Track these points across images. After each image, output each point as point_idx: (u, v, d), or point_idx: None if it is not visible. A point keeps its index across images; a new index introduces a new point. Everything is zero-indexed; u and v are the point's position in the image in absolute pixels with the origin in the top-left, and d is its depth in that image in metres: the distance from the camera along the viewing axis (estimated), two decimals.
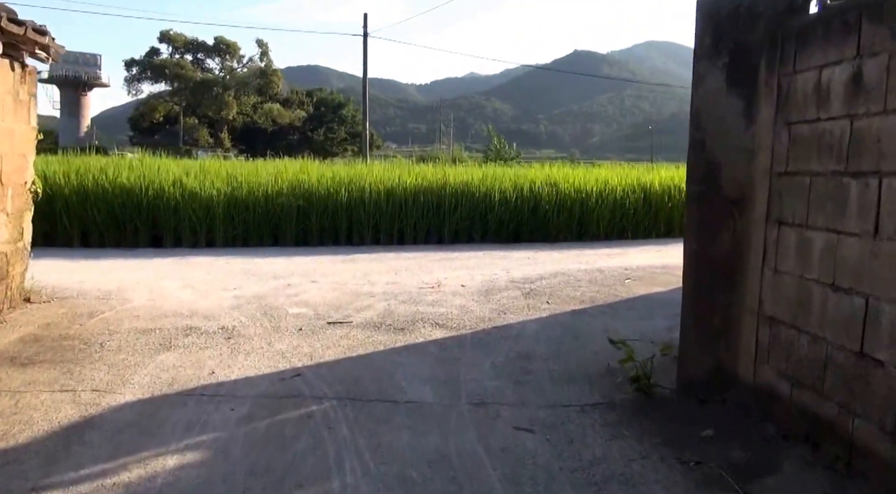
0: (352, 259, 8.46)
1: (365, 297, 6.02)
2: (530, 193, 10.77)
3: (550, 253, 9.30)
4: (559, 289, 6.50)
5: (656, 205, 11.23)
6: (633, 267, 7.91)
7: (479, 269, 7.74)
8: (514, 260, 8.59)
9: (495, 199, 10.43)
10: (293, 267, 7.72)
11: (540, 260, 8.51)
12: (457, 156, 48.47)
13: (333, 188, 9.85)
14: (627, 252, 9.42)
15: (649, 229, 11.22)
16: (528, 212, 10.59)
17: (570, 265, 8.14)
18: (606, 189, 11.10)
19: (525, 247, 9.97)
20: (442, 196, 10.24)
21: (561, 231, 10.76)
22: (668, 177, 11.94)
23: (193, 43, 57.79)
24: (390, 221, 9.99)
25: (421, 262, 8.26)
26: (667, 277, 7.18)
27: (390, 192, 10.04)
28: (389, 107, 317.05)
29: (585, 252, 9.40)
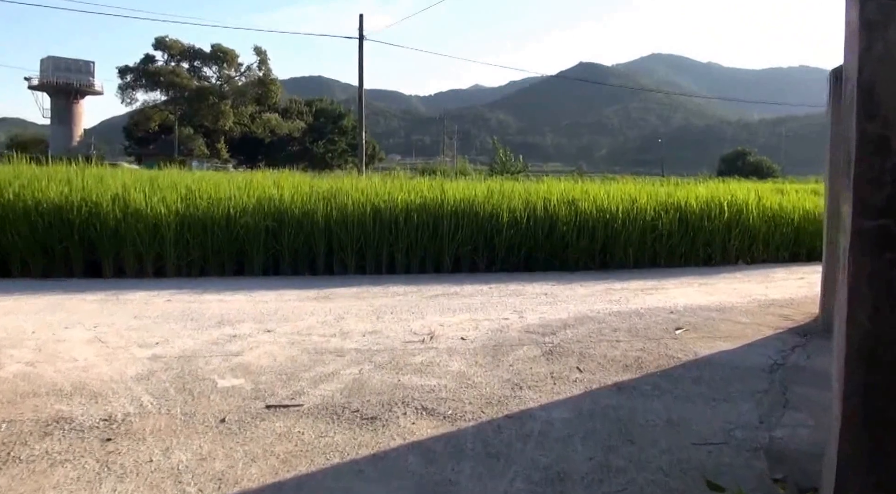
0: (327, 294, 6.93)
1: (330, 358, 4.50)
2: (545, 213, 9.26)
3: (572, 286, 7.76)
4: (591, 345, 4.97)
5: (694, 227, 9.70)
6: (678, 309, 6.38)
7: (485, 311, 6.22)
8: (529, 296, 7.06)
9: (503, 220, 8.93)
10: (250, 306, 6.20)
11: (560, 298, 6.98)
12: (461, 168, 47.12)
13: (310, 205, 8.35)
14: (665, 286, 7.89)
15: (686, 256, 9.69)
16: (542, 236, 9.08)
17: (599, 305, 6.61)
18: (634, 208, 9.58)
19: (540, 278, 8.44)
20: (440, 215, 8.73)
21: (581, 258, 9.23)
22: (707, 194, 10.42)
23: (190, 50, 56.72)
24: (377, 246, 8.48)
25: (412, 300, 6.74)
26: (729, 326, 5.65)
27: (377, 211, 8.53)
28: (393, 118, 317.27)
29: (614, 285, 7.86)
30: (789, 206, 10.61)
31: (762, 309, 6.39)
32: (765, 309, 6.43)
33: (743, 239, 9.97)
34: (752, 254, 10.08)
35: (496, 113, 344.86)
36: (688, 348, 4.93)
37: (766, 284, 8.03)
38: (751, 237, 10.03)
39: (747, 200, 10.34)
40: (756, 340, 5.19)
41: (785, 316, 6.04)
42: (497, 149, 48.44)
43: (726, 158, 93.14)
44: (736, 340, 5.16)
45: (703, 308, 6.47)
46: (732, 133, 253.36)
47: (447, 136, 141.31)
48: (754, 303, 6.72)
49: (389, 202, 8.82)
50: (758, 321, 5.87)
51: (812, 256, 10.43)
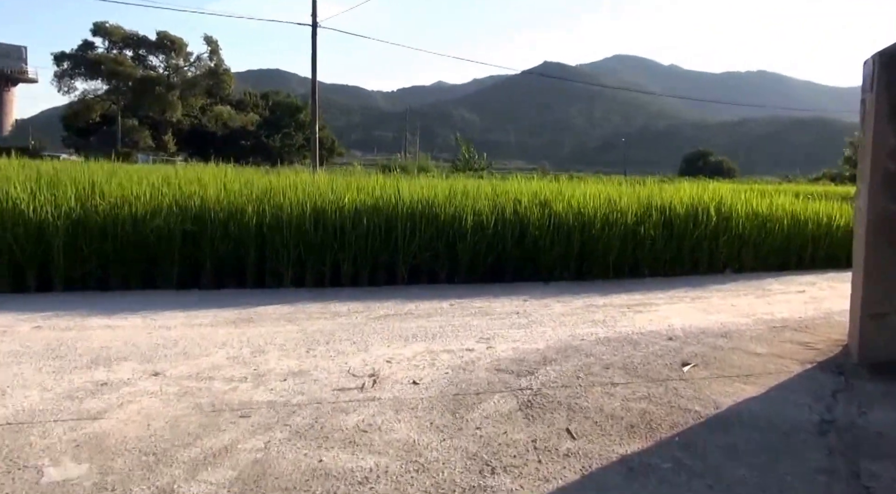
0: (251, 315, 5.70)
1: (230, 419, 3.31)
2: (514, 216, 8.16)
3: (547, 302, 6.67)
4: (581, 391, 3.86)
5: (680, 232, 8.70)
6: (677, 334, 5.33)
7: (444, 338, 5.08)
8: (497, 316, 5.94)
9: (468, 223, 7.79)
10: (144, 335, 4.95)
11: (535, 318, 5.87)
12: (423, 165, 46.15)
13: (239, 205, 7.10)
14: (653, 300, 6.85)
15: (672, 263, 8.69)
16: (511, 242, 7.97)
17: (582, 328, 5.53)
18: (614, 211, 8.55)
19: (509, 291, 7.33)
20: (394, 218, 7.56)
21: (556, 266, 8.15)
22: (693, 196, 9.46)
23: (133, 37, 54.26)
24: (320, 253, 7.27)
25: (356, 323, 5.56)
26: (744, 358, 4.61)
27: (320, 212, 7.32)
28: (354, 114, 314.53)
29: (595, 301, 6.80)
30: (779, 210, 9.71)
31: (774, 335, 5.38)
32: (777, 333, 5.42)
33: (731, 245, 9.02)
34: (740, 262, 9.14)
35: (460, 110, 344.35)
36: (704, 395, 3.86)
37: (765, 299, 7.06)
38: (740, 243, 9.09)
39: (736, 203, 9.41)
40: (784, 381, 4.15)
41: (805, 345, 5.03)
42: (461, 145, 47.51)
43: (688, 158, 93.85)
44: (759, 381, 4.12)
45: (706, 332, 5.43)
46: (692, 134, 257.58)
47: (409, 133, 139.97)
48: (762, 325, 5.72)
49: (335, 202, 7.62)
50: (775, 351, 4.84)
51: (802, 265, 9.57)
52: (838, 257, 9.73)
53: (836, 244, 9.73)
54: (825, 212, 9.95)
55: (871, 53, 4.44)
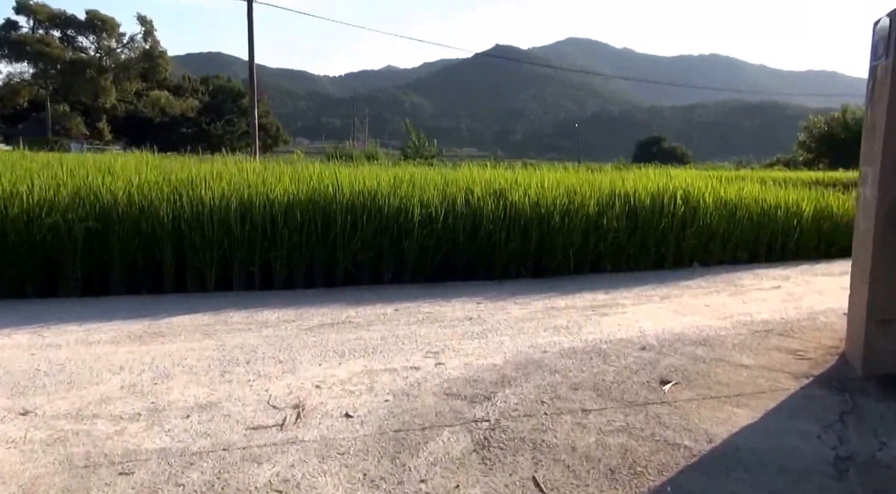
0: (160, 330, 4.97)
1: (105, 478, 2.63)
2: (466, 208, 7.57)
3: (503, 305, 6.10)
4: (548, 423, 3.30)
5: (645, 224, 8.24)
6: (651, 343, 4.82)
7: (387, 353, 4.46)
8: (448, 323, 5.35)
9: (415, 217, 7.17)
10: (24, 357, 4.19)
11: (490, 325, 5.30)
12: (371, 152, 45.30)
13: (154, 198, 6.33)
14: (619, 300, 6.35)
15: (636, 258, 8.22)
16: (463, 236, 7.38)
17: (544, 336, 4.97)
18: (575, 201, 8.03)
19: (461, 291, 6.74)
20: (332, 211, 6.89)
21: (512, 263, 7.60)
22: (658, 183, 9.01)
23: (60, 17, 51.70)
24: (248, 252, 6.56)
25: (285, 335, 4.89)
26: (730, 373, 4.11)
27: (248, 206, 6.61)
28: (300, 99, 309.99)
29: (556, 302, 6.26)
30: (748, 199, 9.35)
31: (759, 341, 4.91)
32: (761, 339, 4.95)
33: (699, 237, 8.61)
34: (708, 255, 8.74)
35: (410, 96, 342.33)
36: (692, 424, 3.33)
37: (740, 297, 6.63)
38: (708, 235, 8.69)
39: (703, 192, 9.00)
40: (781, 402, 3.66)
41: (795, 353, 4.57)
42: (410, 132, 46.72)
43: (642, 144, 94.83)
44: (752, 402, 3.62)
45: (682, 339, 4.94)
46: (645, 119, 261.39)
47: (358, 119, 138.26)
48: (743, 329, 5.26)
49: (265, 195, 6.90)
50: (764, 362, 4.37)
51: (771, 257, 9.23)
52: (808, 248, 9.44)
53: (805, 235, 9.42)
54: (794, 201, 9.63)
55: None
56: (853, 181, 15.77)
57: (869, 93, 4.18)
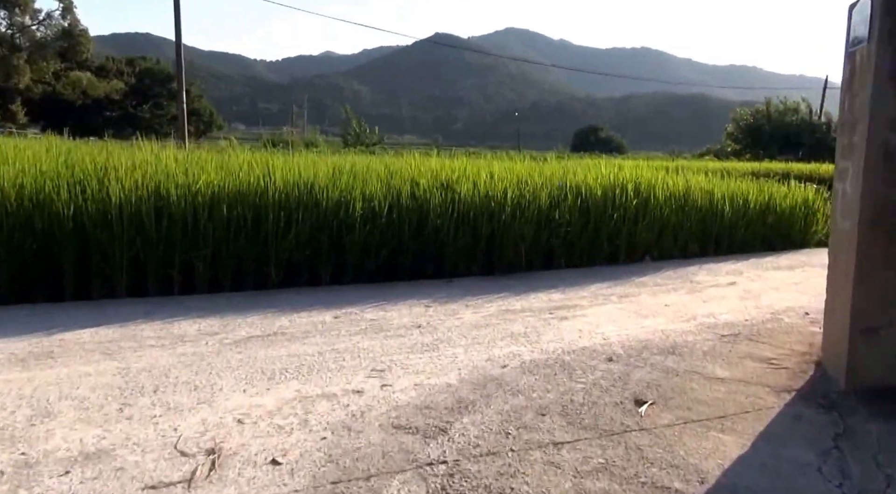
0: (51, 349, 4.23)
1: None
2: (412, 201, 6.99)
3: (455, 308, 5.56)
4: (515, 464, 2.77)
5: (598, 217, 7.82)
6: (616, 350, 4.36)
7: (325, 375, 3.86)
8: (394, 332, 4.77)
9: (357, 211, 6.56)
10: None
11: (442, 333, 4.75)
12: (311, 139, 44.17)
13: (51, 190, 5.52)
14: (577, 301, 5.89)
15: (589, 253, 7.81)
16: (409, 232, 6.81)
17: (501, 346, 4.45)
18: (526, 193, 7.55)
19: (409, 292, 6.17)
20: (263, 206, 6.21)
21: (461, 260, 7.08)
22: (609, 174, 8.60)
23: None
24: (166, 253, 5.82)
25: (206, 352, 4.23)
26: (707, 389, 3.67)
27: (165, 200, 5.87)
28: (236, 84, 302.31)
29: (512, 304, 5.75)
30: (696, 190, 9.05)
31: (728, 347, 4.51)
32: (731, 345, 4.56)
33: (652, 230, 8.25)
34: (659, 249, 8.40)
35: (350, 82, 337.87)
36: (678, 457, 2.86)
37: (698, 295, 6.26)
38: (660, 228, 8.34)
39: (654, 183, 8.65)
40: (769, 424, 3.23)
41: (769, 363, 4.18)
42: (351, 119, 45.72)
43: (579, 133, 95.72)
44: (737, 425, 3.18)
45: (648, 347, 4.49)
46: (581, 109, 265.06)
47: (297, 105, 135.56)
48: (709, 334, 4.86)
49: (187, 187, 6.16)
50: (739, 374, 3.95)
51: (719, 250, 8.96)
52: (754, 240, 9.24)
53: (752, 227, 9.20)
54: (741, 193, 9.39)
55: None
56: (786, 172, 15.87)
57: (846, 82, 3.78)
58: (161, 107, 60.80)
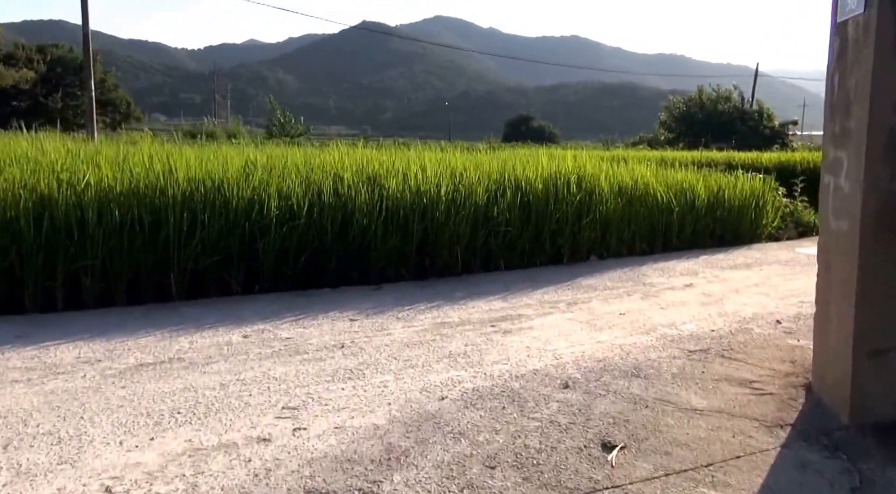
0: None
1: None
2: (335, 198, 6.33)
3: (384, 322, 4.94)
4: None
5: (539, 213, 7.32)
6: (572, 373, 3.84)
7: (224, 416, 3.18)
8: (313, 356, 4.12)
9: (272, 211, 5.85)
10: None
11: (369, 356, 4.12)
12: (233, 130, 42.51)
13: None
14: (522, 310, 5.36)
15: (531, 253, 7.31)
16: (332, 234, 6.14)
17: (439, 370, 3.87)
18: (461, 188, 6.98)
19: (332, 302, 5.52)
20: (163, 207, 5.43)
21: (391, 264, 6.45)
22: (550, 166, 8.11)
23: None
24: (47, 262, 4.99)
25: (81, 386, 3.49)
26: (682, 422, 3.18)
27: (45, 201, 5.04)
28: (157, 73, 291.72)
29: (449, 315, 5.17)
30: (641, 183, 8.67)
31: (700, 367, 4.04)
32: (702, 365, 4.09)
33: (597, 227, 7.81)
34: (605, 246, 7.98)
35: (275, 72, 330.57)
36: None
37: (654, 300, 5.82)
38: (605, 224, 7.91)
39: (599, 176, 8.22)
40: (768, 476, 2.72)
41: (751, 387, 3.71)
42: (275, 109, 44.27)
43: (511, 123, 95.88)
44: (732, 478, 2.68)
45: (608, 368, 3.98)
46: (512, 99, 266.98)
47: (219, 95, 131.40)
48: (674, 349, 4.39)
49: (72, 185, 5.33)
50: (719, 403, 3.47)
51: (668, 246, 8.60)
52: (703, 235, 8.93)
53: (701, 221, 8.89)
54: (688, 184, 9.07)
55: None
56: (727, 161, 15.78)
57: (834, 58, 3.33)
58: (74, 98, 57.61)
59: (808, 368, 3.88)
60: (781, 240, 9.93)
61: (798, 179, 11.50)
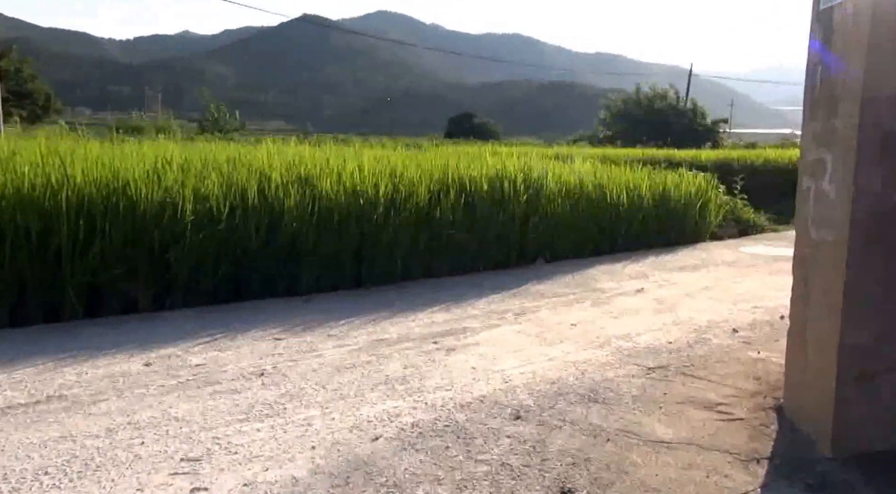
0: None
1: None
2: (262, 200, 5.75)
3: (312, 342, 4.40)
4: None
5: (484, 215, 6.88)
6: (523, 400, 3.40)
7: (104, 476, 2.60)
8: (227, 387, 3.56)
9: (186, 215, 5.24)
10: None
11: (293, 386, 3.58)
12: (164, 125, 41.02)
13: None
14: (466, 321, 4.89)
15: (476, 257, 6.86)
16: (258, 239, 5.56)
17: (373, 401, 3.36)
18: (401, 189, 6.48)
19: (256, 317, 4.95)
20: (55, 213, 4.76)
21: (325, 272, 5.91)
22: (494, 164, 7.67)
23: None
24: None
25: None
26: (648, 459, 2.79)
27: None
28: (83, 65, 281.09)
29: (387, 331, 4.66)
30: (589, 181, 8.32)
31: (661, 388, 3.65)
32: (663, 385, 3.69)
33: (544, 228, 7.42)
34: (553, 248, 7.60)
35: (212, 65, 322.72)
36: None
37: (606, 308, 5.45)
38: (553, 225, 7.53)
39: (546, 174, 7.83)
40: None
41: (716, 410, 3.33)
42: (207, 103, 42.92)
43: (454, 120, 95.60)
44: None
45: (563, 391, 3.55)
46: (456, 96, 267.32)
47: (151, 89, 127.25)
48: (631, 366, 4.00)
49: None
50: (686, 433, 3.07)
51: (615, 246, 8.29)
52: (649, 235, 8.64)
53: (647, 221, 8.61)
54: (635, 184, 8.78)
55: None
56: (668, 158, 15.70)
57: (818, 47, 2.97)
58: None
59: (775, 386, 3.54)
60: (724, 238, 9.78)
61: (738, 177, 11.47)
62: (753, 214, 11.01)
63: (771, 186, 13.28)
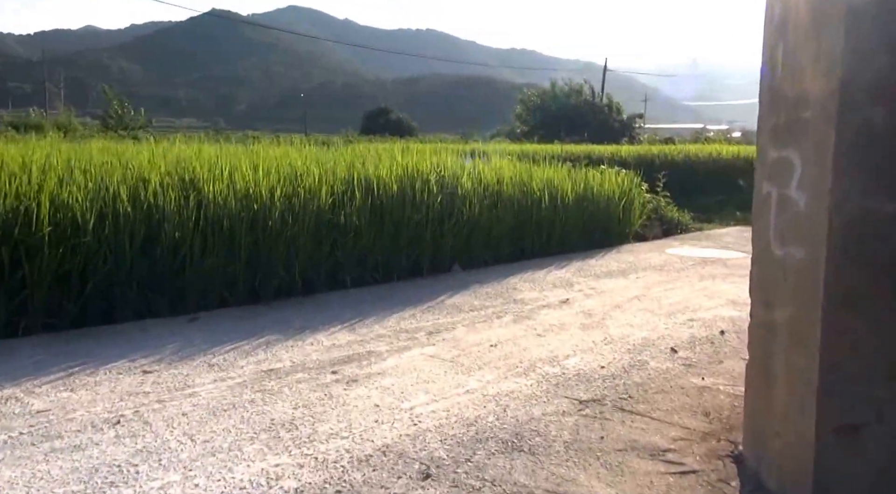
0: None
1: None
2: (137, 207, 4.96)
3: (187, 375, 3.71)
4: None
5: (394, 218, 6.29)
6: (433, 451, 2.83)
7: None
8: (69, 443, 2.83)
9: (44, 225, 4.43)
10: None
11: (154, 441, 2.89)
12: (65, 122, 38.54)
13: None
14: (372, 343, 4.30)
15: (385, 265, 6.25)
16: (133, 251, 4.80)
17: (249, 460, 2.73)
18: (300, 190, 5.82)
19: (125, 342, 4.20)
20: None
21: (213, 286, 5.19)
22: (405, 163, 7.07)
23: None
24: None
25: None
26: None
27: None
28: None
29: (278, 355, 4.00)
30: (508, 180, 7.85)
31: (597, 429, 3.15)
32: (599, 424, 3.20)
33: (460, 233, 6.90)
34: (469, 253, 7.08)
35: (118, 60, 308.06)
36: None
37: (528, 323, 4.94)
38: (469, 229, 7.01)
39: (459, 173, 7.30)
40: None
41: (666, 462, 2.83)
42: (110, 99, 40.49)
43: (369, 116, 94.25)
44: None
45: (481, 435, 3.01)
46: (370, 91, 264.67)
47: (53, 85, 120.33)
48: (561, 399, 3.49)
49: None
50: (632, 492, 2.58)
51: (536, 251, 7.82)
52: (571, 236, 8.25)
53: (570, 221, 8.21)
54: (555, 180, 8.37)
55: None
56: (588, 155, 15.45)
57: (776, 22, 2.52)
58: None
59: (728, 424, 3.10)
60: (648, 239, 9.53)
61: (660, 174, 11.23)
62: (677, 212, 10.83)
63: (693, 182, 13.22)
